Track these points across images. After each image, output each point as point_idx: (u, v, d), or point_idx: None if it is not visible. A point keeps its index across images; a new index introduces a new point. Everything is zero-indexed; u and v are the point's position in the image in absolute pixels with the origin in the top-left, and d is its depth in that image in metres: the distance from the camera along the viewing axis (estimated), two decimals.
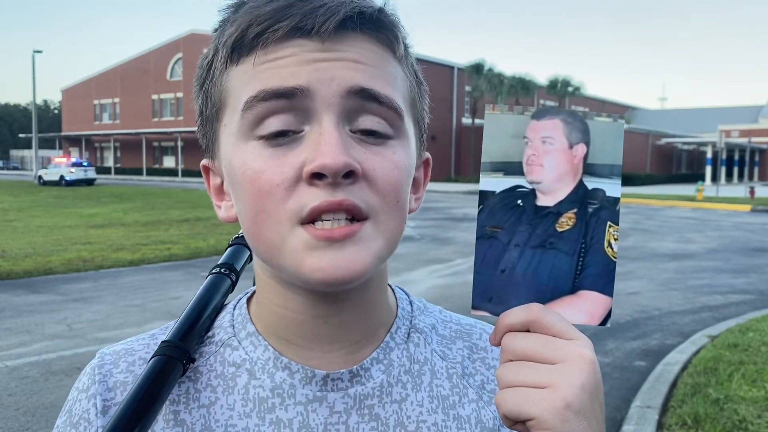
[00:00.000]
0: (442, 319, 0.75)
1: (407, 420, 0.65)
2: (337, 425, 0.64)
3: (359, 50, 0.59)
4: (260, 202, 0.57)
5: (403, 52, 0.63)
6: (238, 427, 0.63)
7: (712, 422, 4.22)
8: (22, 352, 5.98)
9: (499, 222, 0.59)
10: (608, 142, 0.59)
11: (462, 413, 0.68)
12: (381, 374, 0.66)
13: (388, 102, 0.59)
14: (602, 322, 0.59)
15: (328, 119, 0.57)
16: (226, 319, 0.70)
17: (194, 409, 0.64)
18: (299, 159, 0.56)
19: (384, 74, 0.60)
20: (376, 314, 0.68)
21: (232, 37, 0.59)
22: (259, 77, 0.58)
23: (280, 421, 0.63)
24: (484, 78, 45.92)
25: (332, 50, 0.58)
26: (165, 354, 0.63)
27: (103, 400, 0.65)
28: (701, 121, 69.00)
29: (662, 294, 8.60)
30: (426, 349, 0.70)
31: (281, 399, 0.64)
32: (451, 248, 12.61)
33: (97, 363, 0.68)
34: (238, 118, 0.59)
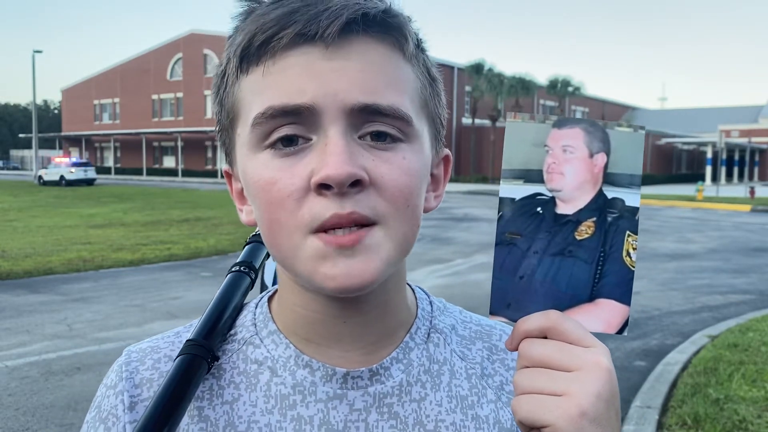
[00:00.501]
0: (462, 320, 0.75)
1: (426, 419, 0.66)
2: (357, 423, 0.65)
3: (364, 55, 0.59)
4: (273, 211, 0.59)
5: (413, 51, 0.62)
6: (261, 423, 0.65)
7: (712, 422, 4.22)
8: (22, 352, 5.98)
9: (519, 229, 0.59)
10: (628, 151, 0.59)
11: (480, 413, 0.68)
12: (400, 373, 0.67)
13: (393, 112, 0.59)
14: (619, 330, 0.59)
15: (334, 129, 0.57)
16: (248, 317, 0.71)
17: (218, 405, 0.66)
18: (308, 169, 0.57)
19: (390, 79, 0.60)
20: (395, 314, 0.69)
21: (240, 46, 0.60)
22: (266, 91, 0.58)
23: (301, 418, 0.64)
24: (484, 78, 45.89)
25: (337, 57, 0.58)
26: (190, 353, 0.64)
27: (130, 397, 0.67)
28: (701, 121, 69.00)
29: (662, 294, 8.60)
30: (445, 350, 0.71)
31: (302, 396, 0.65)
32: (451, 248, 12.61)
33: (124, 360, 0.70)
34: (248, 131, 0.60)
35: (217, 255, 11.99)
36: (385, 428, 0.65)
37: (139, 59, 58.42)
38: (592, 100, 66.77)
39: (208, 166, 54.62)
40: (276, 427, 0.64)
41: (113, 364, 0.71)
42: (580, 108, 65.11)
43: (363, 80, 0.58)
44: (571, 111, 62.69)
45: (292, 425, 0.64)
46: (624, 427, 4.31)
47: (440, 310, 0.74)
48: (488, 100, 46.84)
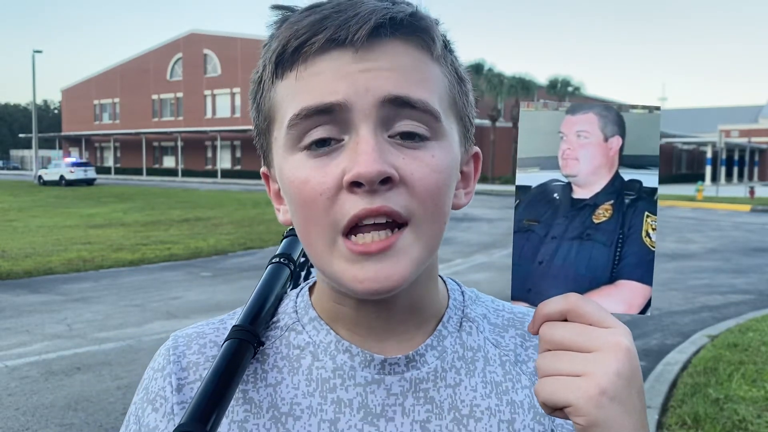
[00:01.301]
0: (495, 308, 0.77)
1: (461, 404, 0.68)
2: (394, 407, 0.67)
3: (393, 57, 0.61)
4: (307, 210, 0.62)
5: (440, 51, 0.64)
6: (302, 405, 0.67)
7: (712, 422, 4.22)
8: (22, 352, 5.98)
9: (536, 215, 0.60)
10: (644, 133, 0.59)
11: (515, 398, 0.70)
12: (435, 360, 0.69)
13: (423, 106, 0.61)
14: (642, 310, 0.60)
15: (365, 128, 0.59)
16: (290, 305, 0.74)
17: (261, 388, 0.69)
18: (339, 168, 0.60)
19: (419, 78, 0.62)
20: (427, 307, 0.71)
21: (275, 53, 0.63)
22: (300, 94, 0.61)
23: (341, 401, 0.67)
24: (484, 78, 45.88)
25: (367, 59, 0.60)
26: (238, 337, 0.66)
27: (177, 379, 0.70)
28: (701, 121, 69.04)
29: (662, 294, 8.60)
30: (479, 337, 0.73)
31: (342, 380, 0.68)
32: (451, 248, 12.61)
33: (172, 345, 0.73)
34: (284, 133, 0.63)
35: (217, 255, 11.99)
36: (421, 412, 0.67)
37: (139, 59, 58.43)
38: (592, 100, 66.64)
39: (208, 166, 54.62)
40: (317, 409, 0.67)
41: (160, 348, 0.74)
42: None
43: (392, 77, 0.60)
44: None
45: (332, 407, 0.67)
46: None
47: (472, 299, 0.76)
48: (488, 100, 46.82)
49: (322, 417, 0.66)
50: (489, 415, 0.68)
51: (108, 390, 5.01)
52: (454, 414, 0.67)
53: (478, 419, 0.68)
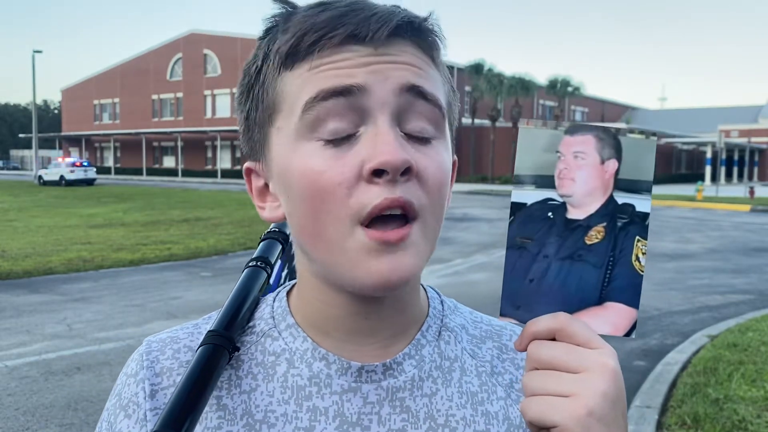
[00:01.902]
0: (473, 320, 0.77)
1: (437, 413, 0.68)
2: (370, 415, 0.66)
3: (408, 55, 0.63)
4: (321, 201, 0.60)
5: (441, 60, 0.67)
6: (277, 413, 0.66)
7: (712, 422, 4.22)
8: (22, 352, 5.98)
9: (530, 233, 0.61)
10: (640, 158, 0.60)
11: (490, 409, 0.70)
12: (413, 368, 0.69)
13: (435, 100, 0.63)
14: (627, 333, 0.61)
15: (382, 119, 0.60)
16: (267, 311, 0.73)
17: (236, 394, 0.68)
18: (358, 158, 0.59)
19: (429, 77, 0.64)
20: (410, 311, 0.71)
21: (287, 44, 0.62)
22: (316, 79, 0.61)
23: (316, 409, 0.66)
24: (484, 78, 45.88)
25: (384, 54, 0.61)
26: (212, 343, 0.66)
27: (151, 385, 0.69)
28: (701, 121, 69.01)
29: (662, 294, 8.61)
30: (456, 347, 0.73)
31: (318, 388, 0.67)
32: (451, 248, 12.61)
33: (145, 350, 0.71)
34: (296, 119, 0.61)
35: (216, 255, 12.00)
36: (396, 421, 0.67)
37: (139, 59, 58.43)
38: (592, 100, 66.78)
39: (208, 166, 54.62)
40: (292, 417, 0.66)
41: (133, 353, 0.72)
42: (579, 108, 65.13)
43: (410, 70, 0.62)
44: (570, 111, 62.73)
45: (307, 415, 0.66)
46: None
47: (451, 309, 0.76)
48: (488, 100, 46.82)
49: (297, 425, 0.66)
50: (464, 425, 0.68)
51: (108, 390, 5.00)
52: (429, 423, 0.67)
53: (453, 429, 0.68)
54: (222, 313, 0.70)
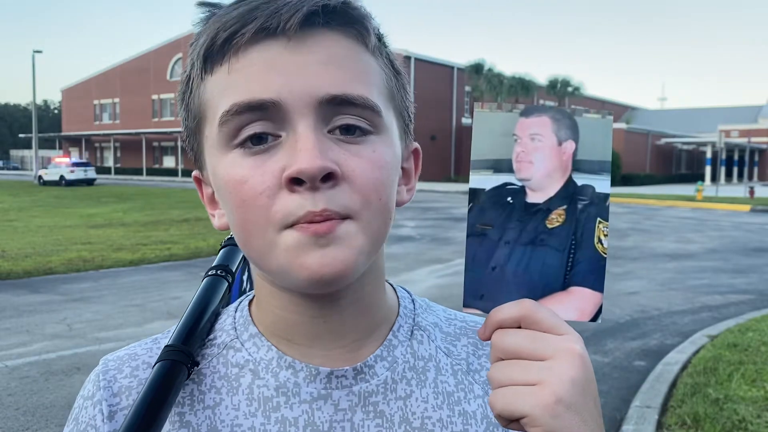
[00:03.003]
0: (447, 317, 0.75)
1: (412, 416, 0.66)
2: (342, 423, 0.64)
3: (328, 47, 0.58)
4: (246, 210, 0.58)
5: (375, 43, 0.62)
6: (244, 426, 0.64)
7: (712, 422, 4.22)
8: (22, 352, 5.98)
9: (490, 220, 0.59)
10: (597, 138, 0.59)
11: (468, 409, 0.68)
12: (385, 371, 0.66)
13: (363, 102, 0.59)
14: (593, 318, 0.59)
15: (303, 124, 0.57)
16: (228, 321, 0.70)
17: (199, 410, 0.65)
18: (278, 166, 0.57)
19: (357, 71, 0.60)
20: (376, 312, 0.68)
21: (203, 47, 0.60)
22: (231, 88, 0.58)
23: (285, 420, 0.64)
24: (484, 78, 45.90)
25: (300, 51, 0.58)
26: (170, 358, 0.63)
27: (108, 406, 0.66)
28: (701, 121, 68.99)
29: (662, 294, 8.60)
30: (430, 346, 0.70)
31: (286, 398, 0.64)
32: (450, 248, 12.61)
33: (101, 369, 0.68)
34: (216, 131, 0.59)
35: (217, 255, 11.98)
36: (371, 427, 0.64)
37: (139, 59, 58.43)
38: (592, 100, 66.71)
39: None
40: (260, 430, 0.64)
41: (90, 374, 0.70)
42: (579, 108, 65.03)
43: (329, 73, 0.58)
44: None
45: (276, 427, 0.64)
46: (623, 427, 4.32)
47: (423, 308, 0.74)
48: (488, 100, 46.62)
49: None
50: (441, 427, 0.66)
51: None
52: (405, 427, 0.65)
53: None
54: (180, 327, 0.68)
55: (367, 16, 0.62)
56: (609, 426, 4.34)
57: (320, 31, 0.58)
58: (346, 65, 0.59)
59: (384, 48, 0.64)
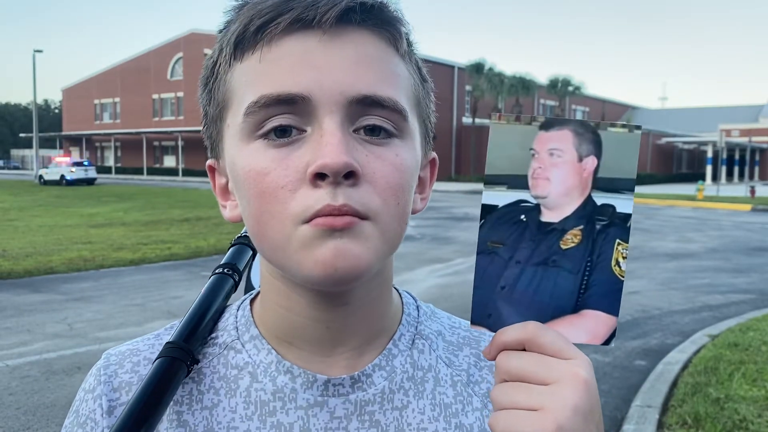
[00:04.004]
0: (450, 326, 0.74)
1: (408, 427, 0.65)
2: (338, 430, 0.64)
3: (361, 46, 0.58)
4: (265, 202, 0.57)
5: (406, 48, 0.62)
6: (240, 429, 0.64)
7: (713, 421, 4.22)
8: (23, 352, 5.98)
9: (501, 237, 0.57)
10: (621, 154, 0.55)
11: (465, 422, 0.67)
12: (383, 380, 0.66)
13: (392, 104, 0.58)
14: (606, 341, 0.57)
15: (329, 120, 0.56)
16: (230, 321, 0.70)
17: (197, 410, 0.65)
18: (302, 161, 0.56)
19: (387, 73, 0.59)
20: (379, 320, 0.67)
21: (234, 34, 0.59)
22: (262, 78, 0.57)
23: (281, 425, 0.63)
24: (485, 78, 45.88)
25: (333, 46, 0.57)
26: (169, 355, 0.63)
27: (108, 401, 0.66)
28: (701, 120, 68.96)
29: (662, 293, 8.60)
30: (431, 356, 0.69)
31: (282, 403, 0.64)
32: (451, 248, 12.61)
33: (103, 364, 0.69)
34: (241, 120, 0.58)
35: (217, 254, 11.99)
36: None
37: (139, 59, 58.43)
38: (592, 99, 66.71)
39: None
40: None
41: (92, 367, 0.70)
42: (580, 108, 65.07)
43: (360, 72, 0.57)
44: (571, 110, 62.67)
45: None
46: (624, 427, 4.32)
47: (427, 315, 0.73)
48: (489, 99, 46.80)
49: None
50: None
51: None
52: None
53: None
54: (182, 324, 0.67)
55: (401, 19, 0.61)
56: (610, 426, 4.34)
57: (354, 29, 0.58)
58: (377, 66, 0.59)
59: (413, 54, 0.64)
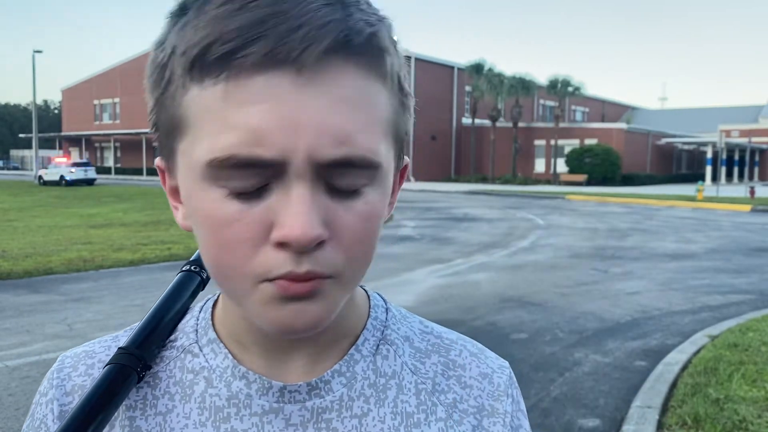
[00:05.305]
0: (421, 331, 0.70)
1: None
2: None
3: (341, 88, 0.51)
4: (224, 253, 0.54)
5: (388, 69, 0.54)
6: None
7: (713, 422, 4.22)
8: (23, 352, 5.98)
9: None
10: None
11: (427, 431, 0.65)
12: (342, 387, 0.63)
13: (367, 163, 0.52)
14: None
15: (299, 184, 0.51)
16: (191, 323, 0.68)
17: (150, 416, 0.64)
18: (267, 216, 0.52)
19: (366, 117, 0.52)
20: (341, 325, 0.64)
21: (192, 49, 0.50)
22: (226, 128, 0.50)
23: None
24: (484, 78, 45.88)
25: (308, 91, 0.49)
26: (119, 362, 0.61)
27: (60, 405, 0.65)
28: (701, 121, 68.96)
29: (662, 294, 8.60)
30: (396, 362, 0.66)
31: (237, 409, 0.62)
32: (451, 248, 12.61)
33: (57, 367, 0.67)
34: (202, 164, 0.52)
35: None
36: None
37: (139, 59, 58.36)
38: (593, 100, 66.74)
39: None
40: None
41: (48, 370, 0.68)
42: (580, 108, 65.11)
43: (336, 125, 0.50)
44: (571, 111, 62.70)
45: None
46: (624, 427, 4.31)
47: (397, 319, 0.70)
48: (488, 100, 46.80)
49: None
50: None
51: None
52: None
53: None
54: (139, 327, 0.65)
55: (391, 46, 0.54)
56: (610, 426, 4.34)
57: (336, 65, 0.50)
58: (357, 111, 0.52)
59: (396, 63, 0.56)
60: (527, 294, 8.42)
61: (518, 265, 10.80)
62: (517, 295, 8.28)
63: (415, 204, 24.33)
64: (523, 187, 39.01)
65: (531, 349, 5.98)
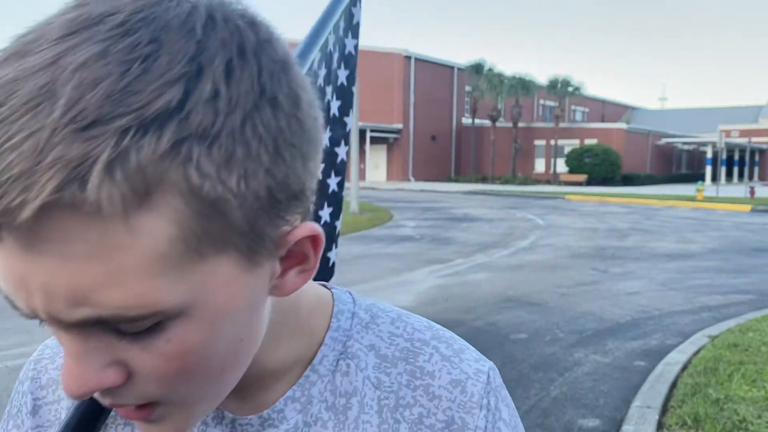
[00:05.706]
0: (391, 333, 0.62)
1: None
2: None
3: (69, 244, 0.38)
4: None
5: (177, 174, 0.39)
6: None
7: (712, 422, 4.22)
8: (23, 352, 5.98)
9: None
10: None
11: None
12: (296, 414, 0.58)
13: (129, 318, 0.41)
14: None
15: (62, 338, 0.43)
16: None
17: None
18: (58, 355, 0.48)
19: (113, 266, 0.39)
20: (287, 349, 0.58)
21: None
22: None
23: None
24: (484, 78, 45.90)
25: (34, 255, 0.38)
26: None
27: (33, 399, 0.63)
28: (701, 121, 68.98)
29: (662, 294, 8.60)
30: (357, 378, 0.60)
31: None
32: (451, 248, 12.61)
33: (36, 357, 0.65)
34: None
35: None
36: None
37: None
38: (593, 100, 66.76)
39: None
40: None
41: None
42: (580, 108, 65.13)
43: (61, 285, 0.39)
44: (571, 111, 62.72)
45: None
46: (624, 427, 4.31)
47: (363, 325, 0.62)
48: (488, 100, 46.81)
49: None
50: None
51: None
52: None
53: None
54: None
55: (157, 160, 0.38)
56: (609, 426, 4.34)
57: (59, 218, 0.37)
58: (96, 261, 0.38)
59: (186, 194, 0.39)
60: (527, 294, 8.42)
61: (518, 265, 10.81)
62: (516, 295, 8.28)
63: (415, 204, 24.34)
64: (523, 187, 39.02)
65: (531, 349, 5.98)
